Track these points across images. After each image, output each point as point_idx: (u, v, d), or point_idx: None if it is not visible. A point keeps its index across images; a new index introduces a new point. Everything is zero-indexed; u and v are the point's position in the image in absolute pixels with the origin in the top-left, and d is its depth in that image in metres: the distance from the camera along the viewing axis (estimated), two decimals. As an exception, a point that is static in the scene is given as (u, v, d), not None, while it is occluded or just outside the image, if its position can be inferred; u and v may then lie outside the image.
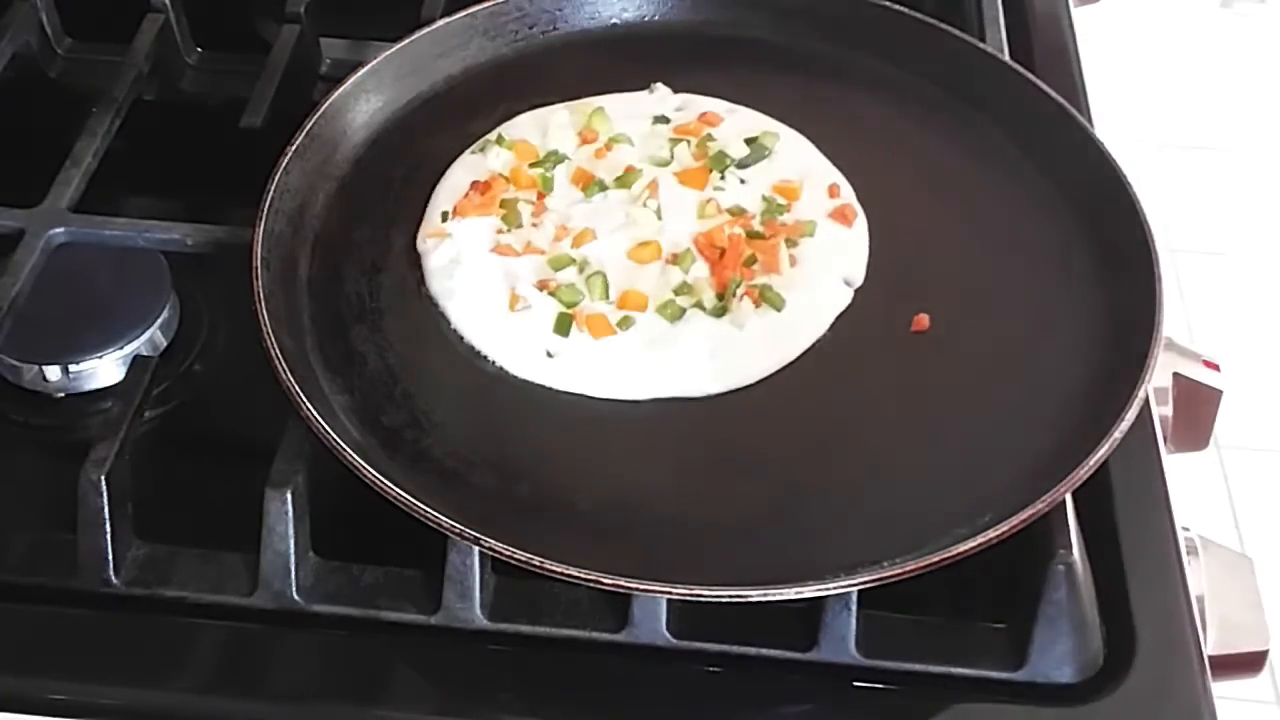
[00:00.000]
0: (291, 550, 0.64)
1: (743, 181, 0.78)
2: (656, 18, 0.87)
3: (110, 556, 0.64)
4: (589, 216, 0.76)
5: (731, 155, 0.79)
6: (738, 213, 0.76)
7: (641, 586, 0.59)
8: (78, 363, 0.73)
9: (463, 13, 0.85)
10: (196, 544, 0.66)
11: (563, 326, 0.71)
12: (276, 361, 0.65)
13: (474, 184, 0.77)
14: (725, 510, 0.65)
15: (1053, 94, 0.79)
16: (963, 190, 0.79)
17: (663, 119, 0.81)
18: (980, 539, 0.60)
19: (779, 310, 0.71)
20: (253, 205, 0.72)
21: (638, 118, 0.81)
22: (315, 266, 0.74)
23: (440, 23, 0.84)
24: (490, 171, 0.78)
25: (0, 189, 0.78)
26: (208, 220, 0.76)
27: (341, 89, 0.79)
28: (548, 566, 0.59)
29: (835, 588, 0.60)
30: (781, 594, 0.58)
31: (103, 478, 0.63)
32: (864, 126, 0.82)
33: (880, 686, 0.63)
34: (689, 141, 0.79)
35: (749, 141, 0.79)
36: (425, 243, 0.75)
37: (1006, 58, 0.84)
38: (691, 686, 0.63)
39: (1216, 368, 0.82)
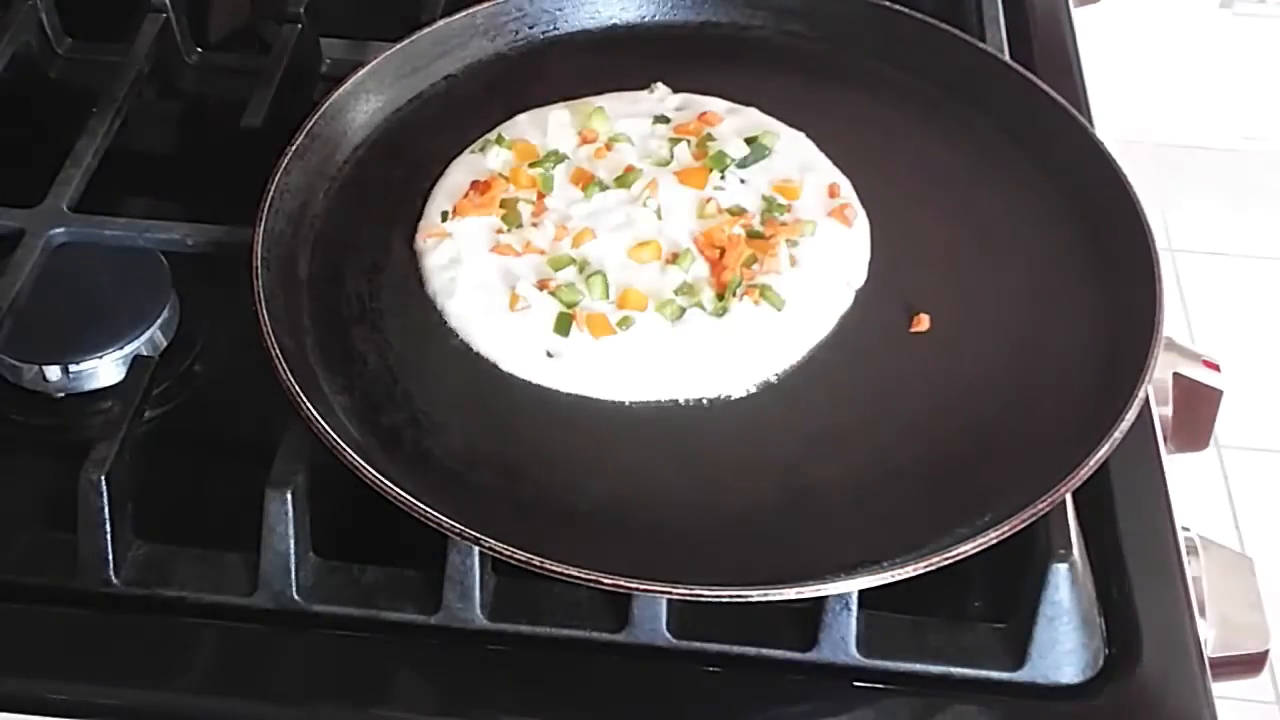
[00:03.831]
0: (291, 550, 0.64)
1: (743, 181, 0.78)
2: (656, 18, 0.87)
3: (110, 556, 0.64)
4: (589, 216, 0.76)
5: (731, 155, 0.79)
6: (738, 212, 0.76)
7: (641, 586, 0.59)
8: (78, 363, 0.73)
9: (463, 13, 0.85)
10: (196, 544, 0.66)
11: (563, 326, 0.71)
12: (276, 361, 0.65)
13: (474, 184, 0.77)
14: (725, 510, 0.65)
15: (1053, 94, 0.79)
16: (963, 190, 0.79)
17: (663, 119, 0.81)
18: (980, 539, 0.60)
19: (779, 310, 0.71)
20: (253, 205, 0.72)
21: (638, 117, 0.81)
22: (315, 266, 0.74)
23: (440, 23, 0.84)
24: (490, 171, 0.78)
25: (0, 189, 0.78)
26: (208, 220, 0.76)
27: (341, 89, 0.79)
28: (548, 566, 0.59)
29: (835, 588, 0.60)
30: (781, 594, 0.58)
31: (103, 477, 0.63)
32: (864, 126, 0.82)
33: (880, 686, 0.63)
34: (689, 141, 0.79)
35: (749, 141, 0.79)
36: (425, 242, 0.75)
37: (1006, 58, 0.84)
38: (691, 686, 0.63)
39: (1216, 368, 0.82)
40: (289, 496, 0.63)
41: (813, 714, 0.63)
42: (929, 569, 0.59)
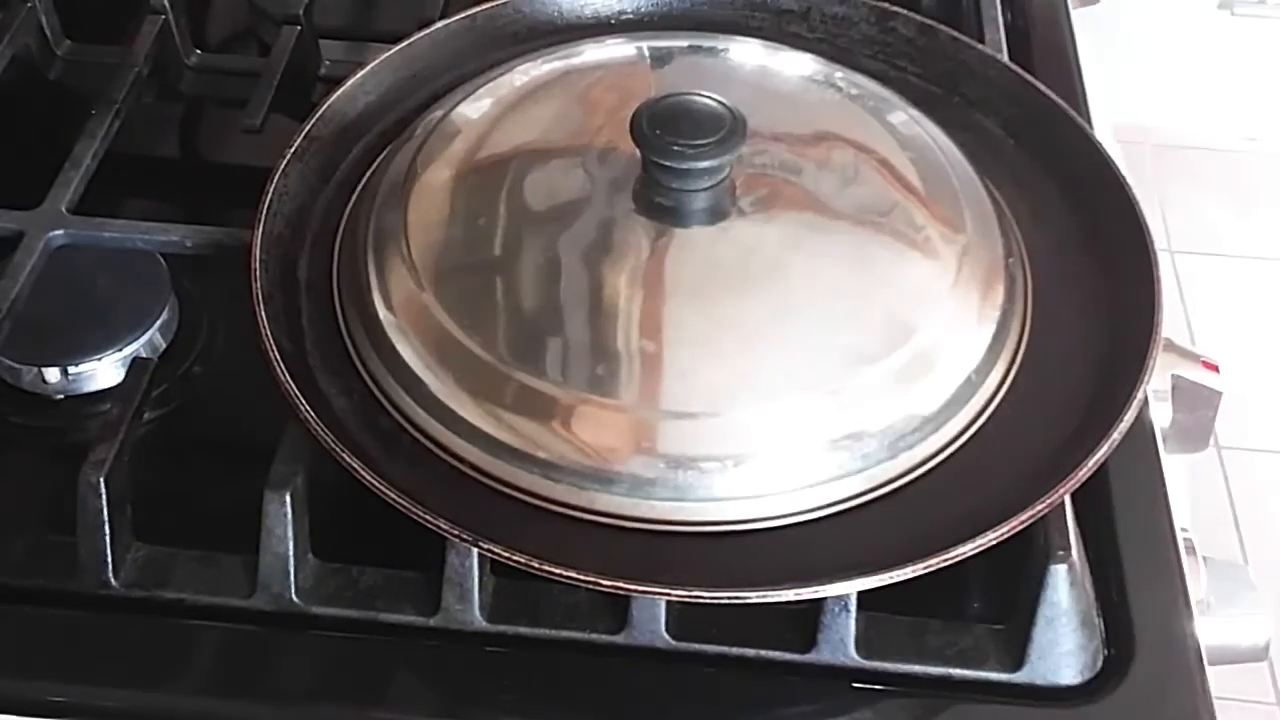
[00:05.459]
0: (290, 552, 0.64)
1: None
2: (657, 18, 0.87)
3: (109, 558, 0.64)
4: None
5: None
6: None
7: (640, 588, 0.59)
8: (77, 364, 0.73)
9: (462, 14, 0.84)
10: (195, 546, 0.66)
11: (562, 328, 0.70)
12: (274, 364, 0.65)
13: (473, 185, 0.76)
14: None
15: (1052, 94, 0.79)
16: (962, 191, 0.78)
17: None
18: (980, 539, 0.60)
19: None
20: (252, 206, 0.72)
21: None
22: (314, 267, 0.74)
23: (440, 24, 0.84)
24: (489, 173, 0.77)
25: (0, 190, 0.78)
26: (207, 221, 0.76)
27: (340, 91, 0.79)
28: (547, 567, 0.58)
29: (834, 589, 0.60)
30: (780, 595, 0.58)
31: (102, 480, 0.63)
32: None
33: (879, 688, 0.63)
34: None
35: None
36: (424, 244, 0.75)
37: (1006, 58, 0.84)
38: (691, 687, 0.63)
39: (1216, 369, 0.82)
40: (288, 498, 0.63)
41: (812, 715, 0.63)
42: (928, 569, 0.59)
